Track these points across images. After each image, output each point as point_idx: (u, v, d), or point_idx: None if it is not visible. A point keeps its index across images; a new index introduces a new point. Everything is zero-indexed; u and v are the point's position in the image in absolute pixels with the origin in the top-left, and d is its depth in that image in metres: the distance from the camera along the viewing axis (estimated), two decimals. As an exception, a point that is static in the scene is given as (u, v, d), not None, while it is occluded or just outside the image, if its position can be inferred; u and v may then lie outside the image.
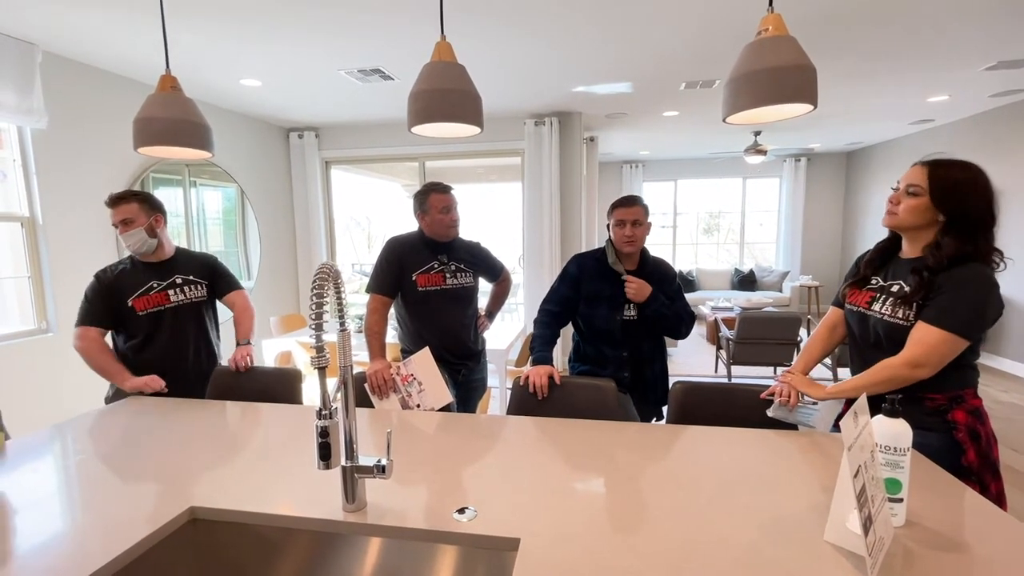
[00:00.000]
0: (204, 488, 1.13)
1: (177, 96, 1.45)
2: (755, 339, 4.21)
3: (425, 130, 1.30)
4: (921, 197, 1.30)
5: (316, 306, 0.78)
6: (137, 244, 1.90)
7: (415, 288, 2.02)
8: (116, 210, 1.88)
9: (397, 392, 1.78)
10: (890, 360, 1.30)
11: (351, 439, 1.02)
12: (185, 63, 3.23)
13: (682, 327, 1.88)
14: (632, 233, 1.83)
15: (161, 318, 1.94)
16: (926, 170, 1.30)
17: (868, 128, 5.95)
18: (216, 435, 1.46)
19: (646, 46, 3.13)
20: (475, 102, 1.22)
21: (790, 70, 1.01)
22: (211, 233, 4.48)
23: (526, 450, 1.34)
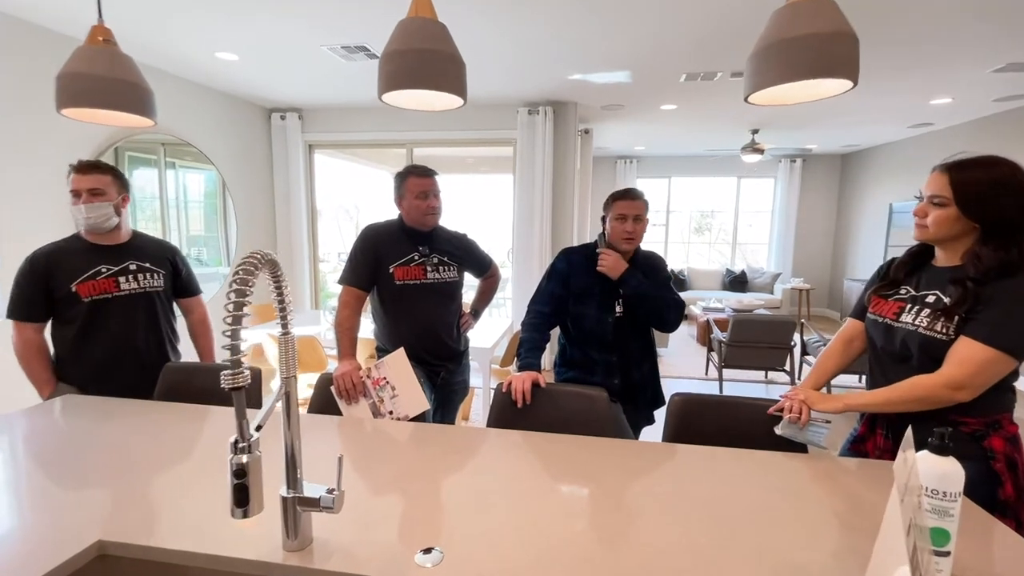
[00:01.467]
0: (120, 516, 0.95)
1: (110, 51, 1.24)
2: (748, 342, 4.09)
3: (397, 98, 1.12)
4: (947, 207, 1.15)
5: (234, 306, 0.61)
6: (101, 219, 1.69)
7: (392, 281, 1.84)
8: (86, 177, 1.66)
9: (368, 397, 1.61)
10: (925, 378, 1.15)
11: (294, 462, 0.85)
12: (153, 30, 2.99)
13: (669, 313, 1.72)
14: (633, 229, 1.68)
15: (107, 307, 1.74)
16: (947, 176, 1.15)
17: (866, 130, 5.85)
18: (150, 445, 1.28)
19: (648, 34, 2.96)
20: (457, 67, 1.04)
21: (828, 38, 0.85)
22: (192, 217, 4.26)
23: (506, 472, 1.18)
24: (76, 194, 1.67)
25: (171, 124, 3.88)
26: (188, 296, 1.98)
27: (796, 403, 1.33)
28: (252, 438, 0.64)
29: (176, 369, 1.75)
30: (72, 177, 1.67)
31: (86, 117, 1.41)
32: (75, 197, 1.67)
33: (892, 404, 1.20)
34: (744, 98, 0.98)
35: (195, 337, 2.01)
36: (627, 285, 1.68)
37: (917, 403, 1.17)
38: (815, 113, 5.00)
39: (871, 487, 1.12)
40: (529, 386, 1.55)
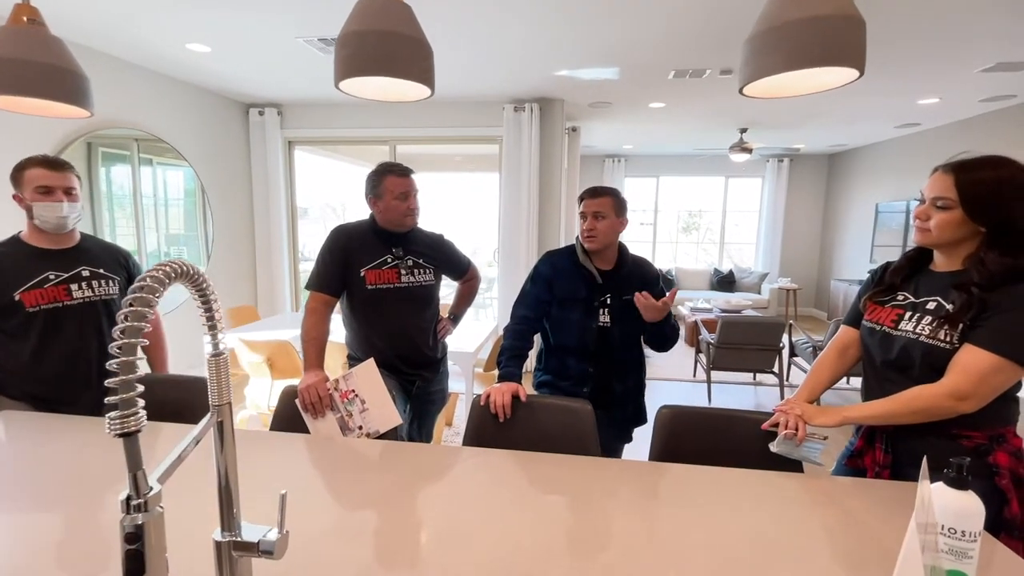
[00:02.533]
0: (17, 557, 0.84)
1: (36, 32, 1.11)
2: (736, 344, 4.04)
3: (356, 87, 1.01)
4: (953, 210, 1.08)
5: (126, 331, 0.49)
6: (74, 221, 1.62)
7: (363, 285, 1.73)
8: (61, 175, 1.56)
9: (335, 411, 1.50)
10: (927, 388, 1.08)
11: (230, 499, 0.74)
12: (119, 20, 2.83)
13: (669, 343, 1.64)
14: (592, 226, 1.60)
15: (58, 319, 1.59)
16: (951, 177, 1.08)
17: (853, 130, 5.84)
18: (78, 469, 1.16)
19: (636, 29, 2.87)
20: (423, 53, 0.93)
21: (834, 22, 0.76)
22: (172, 216, 4.11)
23: (479, 502, 1.08)
24: (48, 191, 1.54)
25: (141, 119, 3.72)
26: None
27: (792, 418, 1.25)
28: (150, 492, 0.53)
29: (129, 381, 1.62)
30: (39, 172, 1.54)
31: (10, 106, 1.27)
32: (45, 194, 1.54)
33: (892, 416, 1.13)
34: (739, 89, 0.89)
35: (149, 350, 1.88)
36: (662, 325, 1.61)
37: (918, 415, 1.10)
38: (803, 112, 4.96)
39: (874, 511, 1.04)
40: (509, 399, 1.45)
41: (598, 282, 1.62)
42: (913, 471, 1.16)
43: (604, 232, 1.60)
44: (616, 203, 1.62)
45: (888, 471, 1.18)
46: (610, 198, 1.61)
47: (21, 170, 1.55)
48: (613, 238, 1.63)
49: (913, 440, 1.15)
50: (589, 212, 1.60)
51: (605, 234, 1.60)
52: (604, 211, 1.59)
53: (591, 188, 1.64)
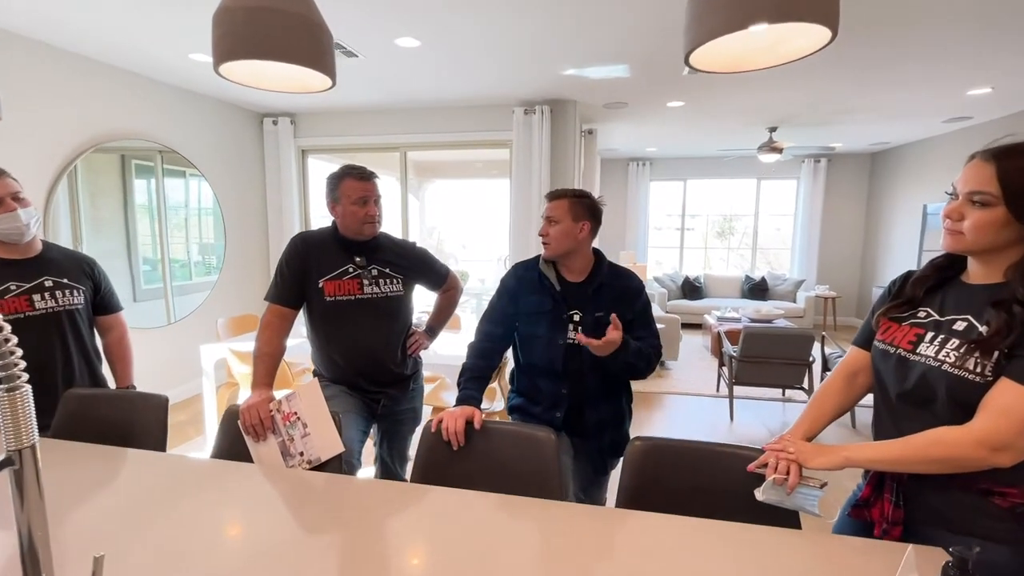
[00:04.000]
0: None
1: None
2: (761, 358, 3.74)
3: (238, 72, 0.89)
4: (994, 208, 0.85)
5: None
6: (35, 226, 1.58)
7: (322, 297, 1.62)
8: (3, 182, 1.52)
9: (277, 435, 1.38)
10: (951, 432, 0.86)
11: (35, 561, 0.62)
12: (126, 33, 2.86)
13: (646, 368, 1.43)
14: (545, 231, 1.44)
15: (20, 330, 1.54)
16: (993, 166, 0.85)
17: (896, 126, 5.40)
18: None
19: (643, 23, 2.69)
20: (317, 34, 0.80)
21: (792, -34, 0.58)
22: (204, 225, 4.23)
23: (410, 551, 0.93)
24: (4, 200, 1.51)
25: (155, 131, 3.78)
26: (108, 313, 1.81)
27: (783, 461, 1.04)
28: None
29: (77, 397, 1.56)
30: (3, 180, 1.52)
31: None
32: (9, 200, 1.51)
33: (906, 463, 0.91)
34: (684, 59, 0.71)
35: (112, 359, 1.84)
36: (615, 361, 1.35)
37: (939, 464, 0.88)
38: (835, 108, 4.61)
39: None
40: (462, 426, 1.30)
41: (557, 290, 1.45)
42: (932, 531, 0.93)
43: (556, 238, 1.43)
44: (574, 207, 1.43)
45: (899, 528, 0.96)
46: (566, 201, 1.43)
47: None
48: (569, 245, 1.44)
49: (931, 493, 0.93)
50: (544, 215, 1.46)
51: (558, 240, 1.43)
52: (557, 215, 1.43)
53: (552, 190, 1.49)
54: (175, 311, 4.02)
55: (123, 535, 0.96)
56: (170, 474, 1.20)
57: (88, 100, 3.30)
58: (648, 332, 1.46)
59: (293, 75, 0.94)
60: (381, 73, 3.60)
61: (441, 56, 3.25)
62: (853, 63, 3.35)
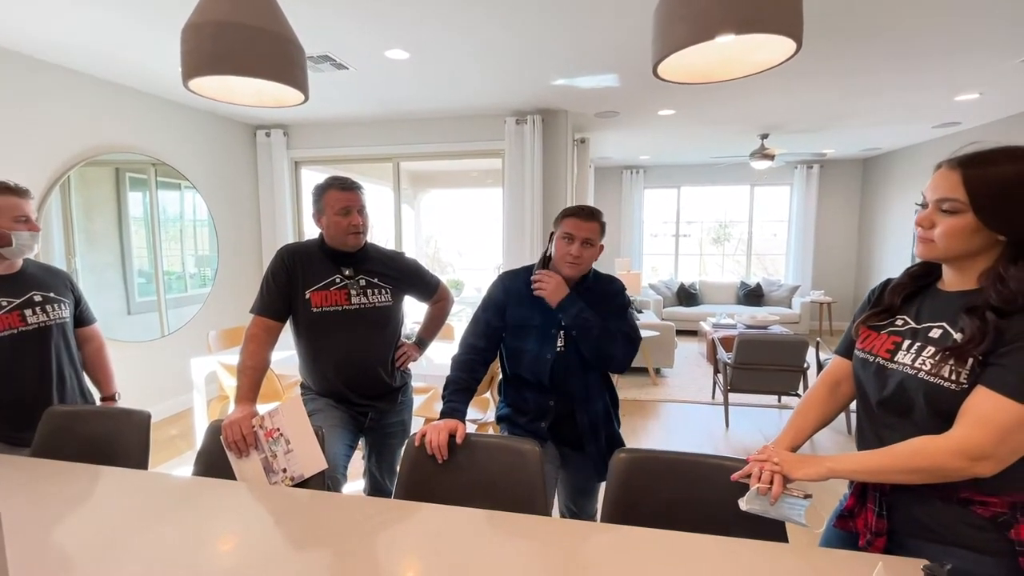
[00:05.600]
0: None
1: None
2: (755, 364, 3.73)
3: (208, 87, 0.89)
4: (962, 215, 0.86)
5: None
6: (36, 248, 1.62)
7: (309, 308, 1.61)
8: (28, 203, 1.59)
9: (260, 451, 1.36)
10: (932, 441, 0.86)
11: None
12: (113, 47, 2.87)
13: (615, 349, 1.41)
14: (579, 253, 1.41)
15: (16, 345, 1.56)
16: (959, 173, 0.86)
17: (886, 132, 5.45)
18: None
19: (630, 33, 2.71)
20: (284, 48, 0.80)
21: (753, -21, 0.59)
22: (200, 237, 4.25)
23: (390, 570, 0.91)
24: (24, 220, 1.56)
25: (148, 144, 3.78)
26: (85, 325, 1.81)
27: (767, 471, 1.03)
28: None
29: (60, 414, 1.54)
30: (14, 201, 1.56)
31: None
32: (25, 223, 1.56)
33: (888, 473, 0.90)
34: (652, 69, 0.72)
35: (94, 369, 1.85)
36: (566, 314, 1.40)
37: (920, 474, 0.87)
38: (824, 114, 4.65)
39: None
40: (445, 439, 1.29)
41: (552, 307, 1.44)
42: (915, 542, 0.92)
43: (587, 261, 1.44)
44: (603, 230, 1.47)
45: (883, 539, 0.95)
46: (599, 224, 1.45)
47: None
48: (591, 266, 1.49)
49: (914, 504, 0.92)
50: (579, 237, 1.42)
51: (587, 263, 1.45)
52: (594, 238, 1.43)
53: (583, 208, 1.44)
54: (169, 324, 4.00)
55: (97, 558, 0.94)
56: (150, 492, 1.18)
57: (79, 113, 3.31)
58: (621, 322, 1.46)
59: (266, 89, 0.94)
60: (372, 85, 3.62)
61: (431, 68, 3.27)
62: (839, 70, 3.38)
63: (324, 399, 1.65)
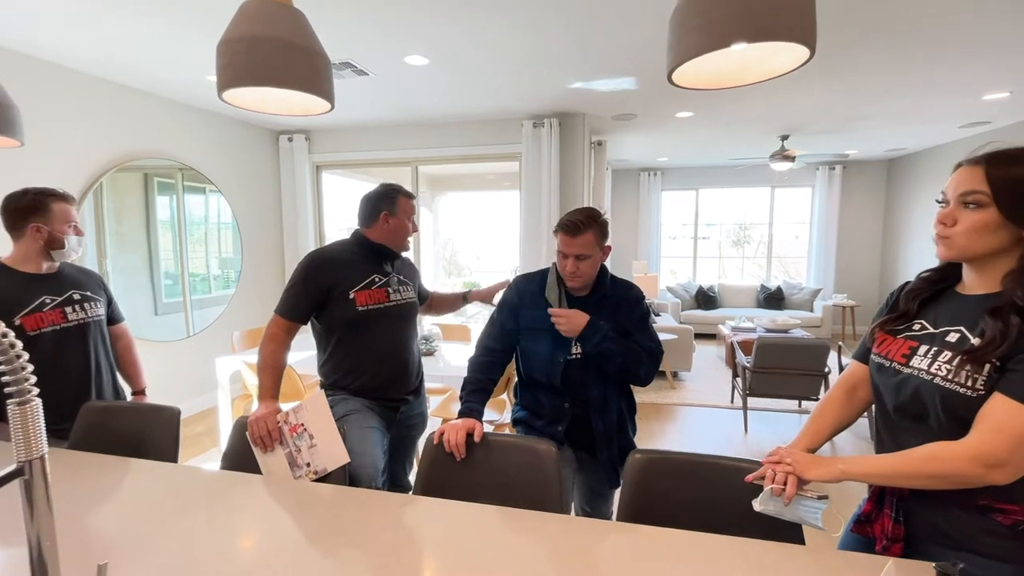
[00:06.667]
0: None
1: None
2: (775, 368, 3.68)
3: (241, 98, 0.94)
4: (986, 208, 0.84)
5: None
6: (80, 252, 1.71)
7: (354, 307, 1.65)
8: (76, 209, 1.69)
9: (284, 446, 1.41)
10: (947, 447, 0.85)
11: (43, 570, 0.65)
12: (144, 56, 2.98)
13: (639, 368, 1.42)
14: (575, 268, 1.41)
15: (59, 341, 1.64)
16: (982, 168, 0.85)
17: (912, 132, 5.33)
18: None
19: (648, 36, 2.72)
20: (312, 60, 0.84)
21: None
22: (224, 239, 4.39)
23: (416, 563, 0.94)
24: (73, 225, 1.66)
25: (175, 149, 3.91)
26: (116, 323, 1.90)
27: (780, 471, 1.03)
28: None
29: (96, 409, 1.61)
30: (69, 208, 1.66)
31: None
32: (71, 228, 1.66)
33: (903, 477, 0.89)
34: (667, 76, 0.73)
35: (125, 364, 1.94)
36: (587, 343, 1.41)
37: (935, 480, 0.86)
38: (846, 115, 4.57)
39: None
40: (463, 438, 1.32)
41: (565, 308, 1.46)
42: (933, 549, 0.92)
43: (587, 273, 1.43)
44: (598, 235, 1.41)
45: (900, 545, 0.95)
46: (591, 233, 1.39)
47: (47, 201, 1.61)
48: (596, 272, 1.46)
49: (932, 511, 0.92)
50: (571, 253, 1.40)
51: (588, 275, 1.44)
52: (587, 251, 1.40)
53: (568, 222, 1.40)
54: (194, 324, 4.12)
55: (131, 545, 0.99)
56: (180, 485, 1.23)
57: (112, 121, 3.44)
58: (645, 336, 1.46)
59: (294, 99, 0.98)
60: (392, 90, 3.68)
61: (449, 73, 3.32)
62: (862, 71, 3.33)
63: (358, 399, 1.69)
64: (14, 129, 1.26)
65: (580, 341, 1.42)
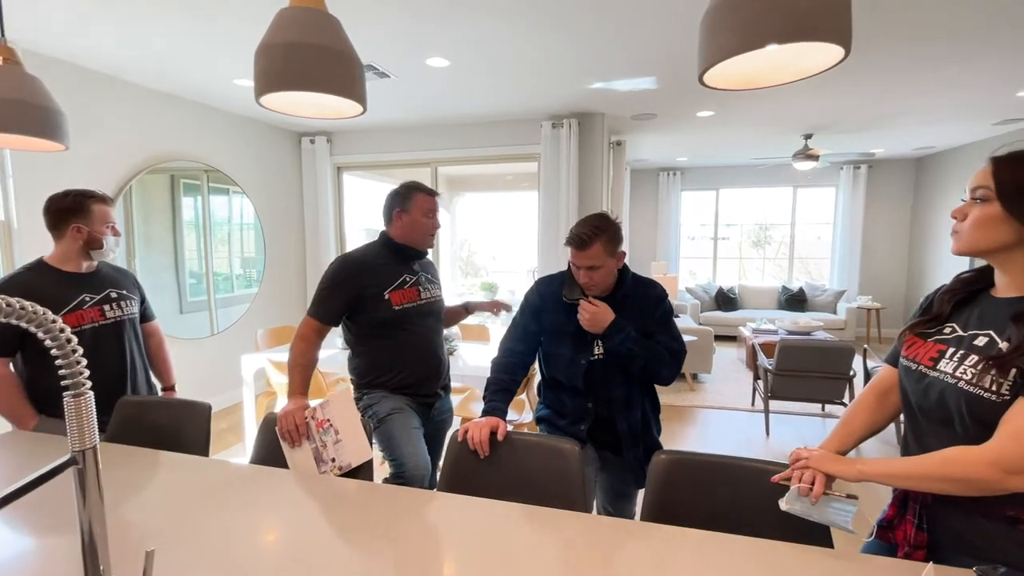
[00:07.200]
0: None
1: (10, 71, 1.17)
2: (797, 371, 3.63)
3: (277, 102, 0.96)
4: (991, 203, 0.85)
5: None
6: (117, 252, 1.78)
7: (390, 307, 1.69)
8: (114, 211, 1.75)
9: (311, 440, 1.44)
10: (966, 452, 0.83)
11: (95, 560, 0.67)
12: (172, 61, 3.07)
13: (661, 368, 1.42)
14: (588, 279, 1.42)
15: (97, 338, 1.70)
16: (990, 165, 0.87)
17: (941, 130, 5.19)
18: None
19: (669, 36, 2.70)
20: (347, 65, 0.86)
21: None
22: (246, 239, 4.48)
23: (440, 559, 0.95)
24: (111, 226, 1.72)
25: (202, 151, 4.01)
26: (148, 321, 1.95)
27: (808, 471, 1.02)
28: None
29: (132, 403, 1.67)
30: (108, 210, 1.71)
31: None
32: (109, 229, 1.72)
33: (920, 479, 0.88)
34: (698, 78, 0.73)
35: (156, 361, 1.99)
36: (610, 341, 1.41)
37: (954, 484, 0.85)
38: (874, 113, 4.48)
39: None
40: (487, 435, 1.33)
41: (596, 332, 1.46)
42: (957, 558, 0.90)
43: (602, 282, 1.43)
44: (608, 244, 1.40)
45: (922, 552, 0.93)
46: (599, 244, 1.38)
47: (87, 202, 1.67)
48: (612, 279, 1.47)
49: (955, 518, 0.90)
50: (582, 266, 1.41)
51: (604, 283, 1.44)
52: (597, 263, 1.40)
53: (575, 235, 1.40)
54: (218, 322, 4.22)
55: (169, 534, 1.02)
56: (213, 478, 1.27)
57: (143, 125, 3.54)
58: (668, 336, 1.46)
59: (327, 103, 1.01)
60: (412, 92, 3.72)
61: (469, 75, 3.34)
62: (891, 69, 3.26)
63: (398, 397, 1.72)
64: (61, 134, 1.31)
65: (602, 339, 1.42)
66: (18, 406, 1.63)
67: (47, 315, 0.60)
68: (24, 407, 1.63)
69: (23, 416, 1.64)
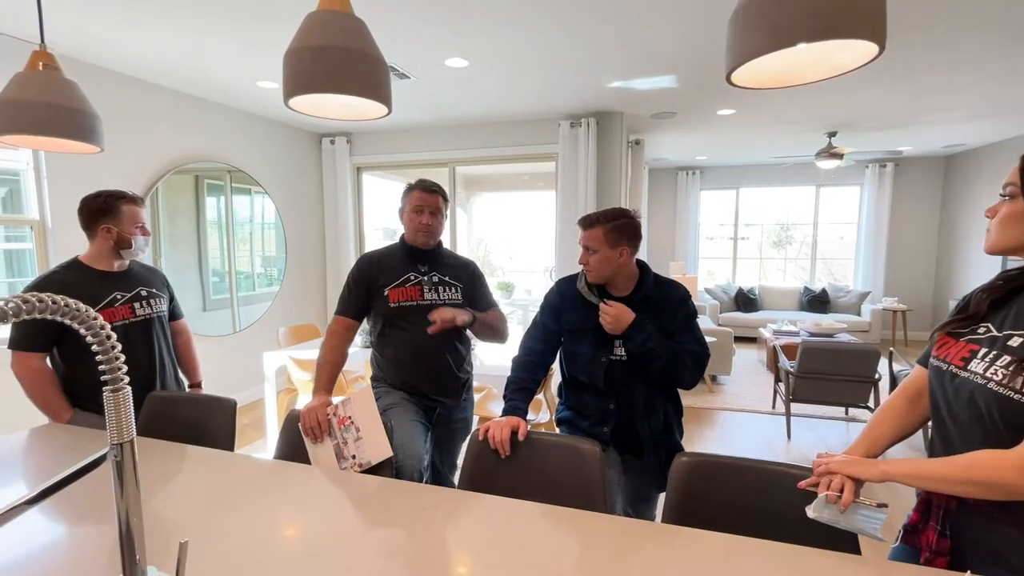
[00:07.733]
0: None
1: (49, 76, 1.21)
2: (820, 374, 3.56)
3: (305, 104, 0.98)
4: (1016, 200, 0.85)
5: None
6: (146, 251, 1.82)
7: (387, 304, 1.72)
8: (144, 211, 1.79)
9: (332, 437, 1.46)
10: (992, 456, 0.81)
11: (132, 548, 0.70)
12: (197, 64, 3.14)
13: (683, 371, 1.41)
14: (585, 261, 1.45)
15: (128, 335, 1.75)
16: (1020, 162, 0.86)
17: (972, 127, 5.04)
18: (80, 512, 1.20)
19: (689, 34, 2.67)
20: (374, 68, 0.87)
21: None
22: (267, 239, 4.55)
23: (457, 556, 0.96)
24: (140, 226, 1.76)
25: (225, 153, 4.09)
26: (176, 319, 2.00)
27: (836, 478, 1.00)
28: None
29: (160, 399, 1.71)
30: (138, 210, 1.75)
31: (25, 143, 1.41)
32: (139, 229, 1.76)
33: (944, 482, 0.86)
34: (726, 77, 0.72)
35: (184, 358, 2.04)
36: (631, 342, 1.41)
37: (980, 488, 0.82)
38: (902, 110, 4.36)
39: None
40: (508, 435, 1.33)
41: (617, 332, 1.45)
42: (981, 567, 0.87)
43: (596, 267, 1.45)
44: (609, 234, 1.42)
45: (945, 559, 0.90)
46: (600, 229, 1.42)
47: (117, 203, 1.71)
48: (610, 270, 1.45)
49: (980, 527, 0.87)
50: (581, 244, 1.47)
51: (598, 268, 1.45)
52: (593, 244, 1.43)
53: (584, 216, 1.47)
54: (240, 320, 4.30)
55: (199, 525, 1.05)
56: (239, 472, 1.29)
57: (171, 127, 3.63)
58: (690, 338, 1.45)
59: (352, 104, 1.02)
60: (431, 93, 3.75)
61: (488, 74, 3.35)
62: (921, 66, 3.17)
63: (399, 392, 1.75)
64: (96, 137, 1.35)
65: (624, 340, 1.42)
66: (54, 399, 1.69)
67: (88, 312, 0.62)
68: (59, 400, 1.69)
69: (58, 409, 1.69)
